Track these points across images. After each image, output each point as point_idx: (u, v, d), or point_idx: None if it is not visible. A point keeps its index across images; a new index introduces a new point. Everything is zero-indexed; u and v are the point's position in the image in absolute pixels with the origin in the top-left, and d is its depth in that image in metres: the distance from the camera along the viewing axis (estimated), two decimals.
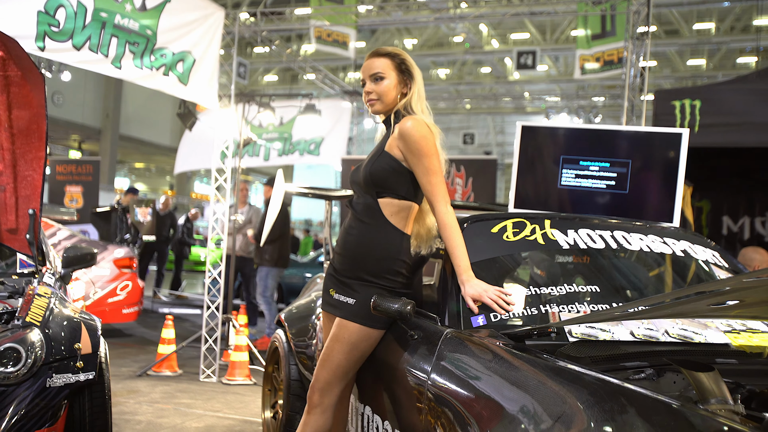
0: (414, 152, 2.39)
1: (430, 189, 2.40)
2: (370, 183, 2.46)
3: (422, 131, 2.39)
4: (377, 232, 2.45)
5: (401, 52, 2.54)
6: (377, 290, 2.41)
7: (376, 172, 2.44)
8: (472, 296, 2.28)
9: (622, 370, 2.00)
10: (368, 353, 2.46)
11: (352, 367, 2.45)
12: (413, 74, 2.51)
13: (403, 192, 2.45)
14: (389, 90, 2.48)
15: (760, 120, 5.09)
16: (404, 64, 2.51)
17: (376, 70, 2.48)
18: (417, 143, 2.38)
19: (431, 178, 2.40)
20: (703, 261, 2.78)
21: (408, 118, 2.44)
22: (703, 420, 1.34)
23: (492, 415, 1.72)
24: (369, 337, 2.42)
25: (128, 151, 27.99)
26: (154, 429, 4.11)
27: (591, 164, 3.21)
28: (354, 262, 2.47)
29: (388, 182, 2.44)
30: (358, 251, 2.46)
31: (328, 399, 2.45)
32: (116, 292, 7.21)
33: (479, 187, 9.61)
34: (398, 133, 2.43)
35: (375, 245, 2.44)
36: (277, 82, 25.31)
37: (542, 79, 22.65)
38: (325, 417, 2.46)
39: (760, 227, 7.39)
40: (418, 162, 2.40)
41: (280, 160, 10.87)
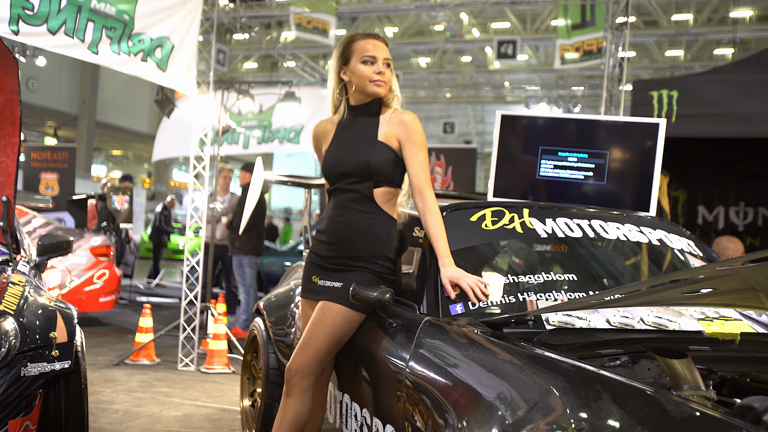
0: (416, 143, 2.49)
1: (424, 178, 2.49)
2: (368, 173, 2.47)
3: (420, 125, 2.54)
4: (370, 219, 2.48)
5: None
6: (367, 275, 2.44)
7: (378, 162, 2.47)
8: (450, 278, 2.30)
9: (598, 357, 2.02)
10: (347, 338, 2.47)
11: (331, 350, 2.46)
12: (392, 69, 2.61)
13: (397, 180, 2.55)
14: (391, 79, 2.57)
15: (736, 111, 5.15)
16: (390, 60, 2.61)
17: (389, 57, 2.55)
18: (420, 136, 2.51)
19: (425, 169, 2.51)
20: (678, 250, 2.82)
21: (404, 111, 2.56)
22: (675, 406, 1.36)
23: (469, 402, 1.73)
24: (351, 320, 2.44)
25: (105, 138, 27.66)
26: (131, 418, 4.08)
27: (569, 155, 3.23)
28: (344, 249, 2.48)
29: (387, 172, 2.50)
30: (349, 237, 2.48)
31: (307, 381, 2.46)
32: (93, 281, 7.14)
33: (459, 176, 9.63)
34: (398, 122, 2.51)
35: (369, 232, 2.47)
36: (257, 69, 25.12)
37: (522, 69, 22.71)
38: (303, 399, 2.47)
39: (734, 217, 7.49)
40: (417, 153, 2.49)
41: (259, 148, 10.80)
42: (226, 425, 4.06)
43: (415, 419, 1.94)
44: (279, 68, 23.12)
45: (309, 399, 2.48)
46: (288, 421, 2.48)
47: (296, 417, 2.47)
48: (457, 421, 1.72)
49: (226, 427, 4.03)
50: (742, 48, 19.28)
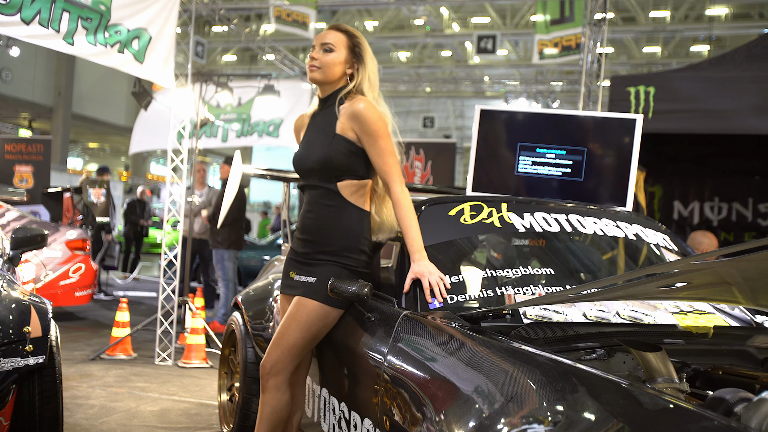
0: (370, 133, 2.40)
1: (386, 170, 2.42)
2: (328, 168, 2.45)
3: (376, 113, 2.41)
4: (337, 212, 2.45)
5: (360, 35, 2.53)
6: (339, 269, 2.42)
7: (335, 156, 2.43)
8: (415, 273, 2.30)
9: (575, 350, 2.04)
10: (323, 334, 2.46)
11: (305, 346, 2.45)
12: (364, 59, 2.51)
13: (362, 172, 2.47)
14: (333, 64, 2.47)
15: (711, 107, 5.21)
16: (358, 46, 2.50)
17: (328, 41, 2.47)
18: (373, 125, 2.40)
19: (387, 159, 2.42)
20: (654, 244, 2.85)
21: (359, 99, 2.44)
22: (649, 398, 1.38)
23: (447, 396, 1.74)
24: (326, 317, 2.42)
25: (81, 131, 27.31)
26: (107, 413, 4.05)
27: (547, 152, 3.25)
28: (315, 243, 2.47)
29: (346, 165, 2.44)
30: (319, 232, 2.46)
31: (281, 377, 2.45)
32: (68, 275, 7.06)
33: (438, 171, 9.66)
34: (351, 114, 2.42)
35: (336, 225, 2.45)
36: (236, 62, 24.93)
37: (502, 64, 22.78)
38: (279, 394, 2.46)
39: (708, 212, 7.60)
40: (374, 143, 2.41)
41: (238, 141, 10.73)
42: (204, 420, 4.04)
43: (393, 413, 1.94)
44: (258, 61, 22.97)
45: (286, 394, 2.47)
46: (265, 417, 2.47)
47: (272, 412, 2.46)
48: (434, 415, 1.73)
49: (203, 421, 4.01)
50: (717, 45, 19.53)
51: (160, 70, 5.40)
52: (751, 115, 5.12)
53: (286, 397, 2.48)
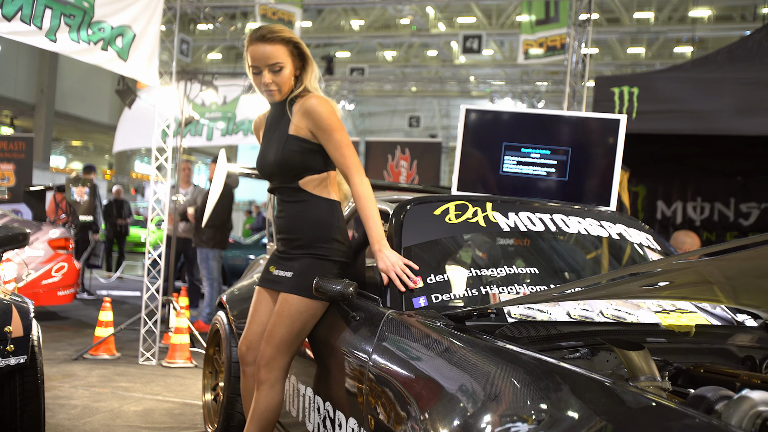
0: (324, 128, 2.43)
1: (344, 162, 2.45)
2: (285, 169, 2.49)
3: (328, 107, 2.43)
4: (305, 206, 2.50)
5: (292, 34, 2.49)
6: (312, 260, 2.46)
7: (290, 157, 2.46)
8: (382, 270, 2.32)
9: (559, 349, 2.05)
10: (310, 326, 2.47)
11: (294, 340, 2.46)
12: (307, 57, 2.51)
13: (320, 167, 2.50)
14: (288, 79, 2.48)
15: (694, 108, 5.26)
16: (298, 47, 2.49)
17: (275, 61, 2.42)
18: (326, 119, 2.42)
19: (343, 151, 2.44)
20: (637, 244, 2.87)
21: (310, 96, 2.45)
22: (632, 396, 1.39)
23: (431, 395, 1.74)
24: (308, 309, 2.44)
25: (64, 129, 27.08)
26: (90, 413, 4.02)
27: (532, 151, 3.26)
28: (289, 240, 2.52)
29: (303, 164, 2.48)
30: (291, 228, 2.51)
31: (274, 374, 2.47)
32: (51, 274, 6.99)
33: (423, 170, 9.68)
34: (304, 111, 2.44)
35: (306, 218, 2.49)
36: (221, 60, 24.84)
37: (487, 64, 22.87)
38: (274, 392, 2.47)
39: (691, 212, 7.67)
40: (329, 137, 2.43)
41: (223, 140, 10.68)
42: (188, 420, 4.02)
43: (377, 412, 1.94)
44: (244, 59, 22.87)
45: (280, 391, 2.49)
46: (257, 414, 2.48)
47: (266, 410, 2.47)
48: (419, 414, 1.73)
49: (187, 421, 3.99)
50: (700, 47, 19.72)
51: (144, 67, 5.36)
52: (733, 116, 5.17)
53: (280, 397, 2.49)
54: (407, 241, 2.50)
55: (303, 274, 2.43)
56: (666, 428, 1.24)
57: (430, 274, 2.40)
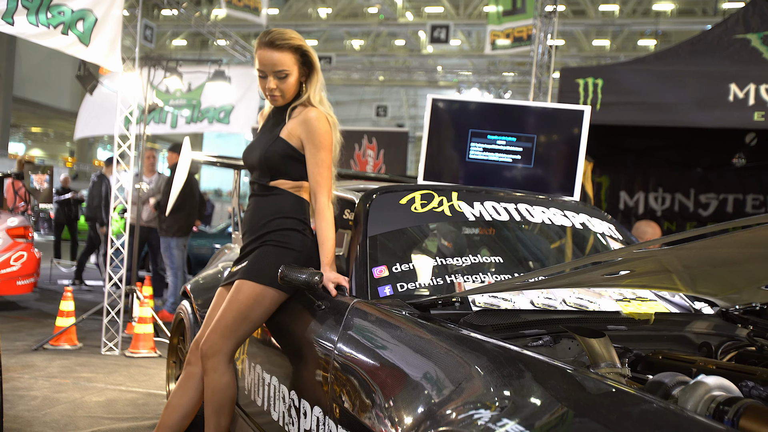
0: (315, 144, 2.47)
1: (319, 180, 2.49)
2: (263, 167, 2.53)
3: (326, 126, 2.48)
4: (272, 199, 2.54)
5: (303, 42, 2.52)
6: (267, 248, 2.47)
7: (271, 156, 2.51)
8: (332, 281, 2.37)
9: (522, 337, 2.07)
10: (258, 316, 2.46)
11: (239, 325, 2.45)
12: (314, 66, 2.53)
13: (296, 176, 2.54)
14: (293, 86, 2.52)
15: (656, 100, 5.35)
16: (307, 56, 2.51)
17: (282, 68, 2.46)
18: (321, 137, 2.47)
19: (322, 171, 2.49)
20: (600, 233, 2.92)
21: (311, 109, 2.49)
22: (593, 382, 1.41)
23: (396, 383, 1.75)
24: (258, 295, 2.44)
25: (23, 115, 26.44)
26: (51, 404, 3.95)
27: (498, 138, 3.29)
28: (251, 233, 2.55)
29: (282, 167, 2.52)
30: (254, 218, 2.54)
31: (216, 359, 2.46)
32: (10, 263, 6.84)
33: (390, 159, 9.68)
34: (302, 120, 2.48)
35: (268, 209, 2.52)
36: (186, 47, 24.47)
37: (455, 54, 22.93)
38: (217, 376, 2.46)
39: (653, 202, 7.82)
40: (315, 153, 2.47)
41: (188, 127, 10.54)
42: (152, 410, 3.98)
43: (342, 400, 1.95)
44: (209, 46, 22.60)
45: (223, 375, 2.47)
46: (207, 399, 2.50)
47: (213, 393, 2.48)
48: (384, 401, 1.74)
49: (151, 411, 3.95)
50: (663, 40, 20.05)
51: (106, 53, 5.25)
52: (694, 109, 5.28)
53: (226, 379, 2.48)
54: (373, 230, 2.50)
55: (257, 260, 2.47)
56: (625, 413, 1.27)
57: (396, 263, 2.41)
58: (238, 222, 3.92)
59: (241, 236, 2.65)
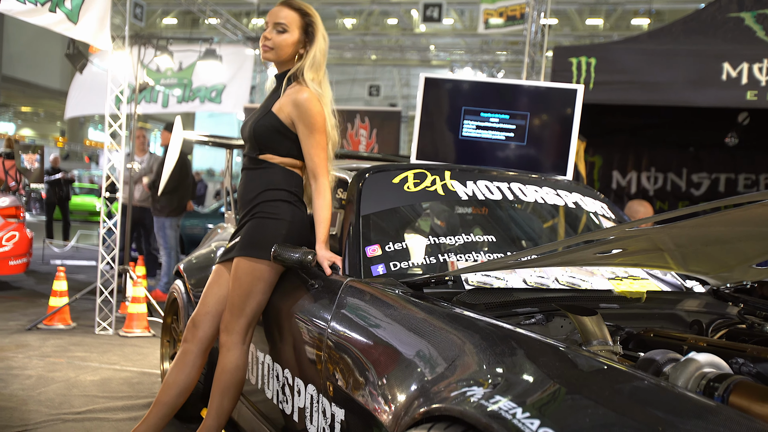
0: (307, 125, 2.47)
1: (317, 162, 2.49)
2: (252, 140, 2.55)
3: (317, 107, 2.47)
4: (262, 171, 2.54)
5: (314, 13, 2.54)
6: (257, 221, 2.49)
7: (260, 131, 2.52)
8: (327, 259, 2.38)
9: (515, 315, 2.09)
10: (261, 288, 2.48)
11: (245, 302, 2.47)
12: (315, 39, 2.53)
13: (284, 152, 2.53)
14: (286, 45, 2.51)
15: (649, 79, 5.34)
16: (311, 26, 2.53)
17: (282, 21, 2.49)
18: (312, 118, 2.46)
19: (318, 152, 2.49)
20: (592, 212, 2.93)
21: (303, 89, 2.48)
22: (585, 360, 1.43)
23: (389, 361, 1.76)
24: (254, 270, 2.45)
25: (13, 94, 26.19)
26: (45, 383, 3.96)
27: (491, 116, 3.28)
28: (243, 206, 2.57)
29: (269, 142, 2.52)
30: (246, 191, 2.56)
31: (232, 338, 2.50)
32: (2, 243, 6.81)
33: (383, 139, 9.66)
34: (294, 101, 2.47)
35: (258, 182, 2.53)
36: (177, 25, 24.19)
37: (448, 33, 22.77)
38: (231, 354, 2.49)
39: (645, 182, 7.84)
40: (309, 135, 2.47)
41: (179, 107, 10.47)
42: (146, 389, 4.00)
43: (336, 378, 1.96)
44: (200, 25, 22.35)
45: (238, 355, 2.50)
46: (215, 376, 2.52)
47: (221, 372, 2.50)
48: (377, 379, 1.75)
49: (145, 390, 3.97)
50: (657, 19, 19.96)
51: (95, 31, 5.19)
52: (687, 88, 5.27)
53: (235, 359, 2.49)
54: (366, 209, 2.50)
55: (249, 234, 2.49)
56: (616, 390, 1.28)
57: (389, 242, 2.41)
58: (230, 202, 3.91)
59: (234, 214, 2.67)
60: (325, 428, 2.00)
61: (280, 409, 2.38)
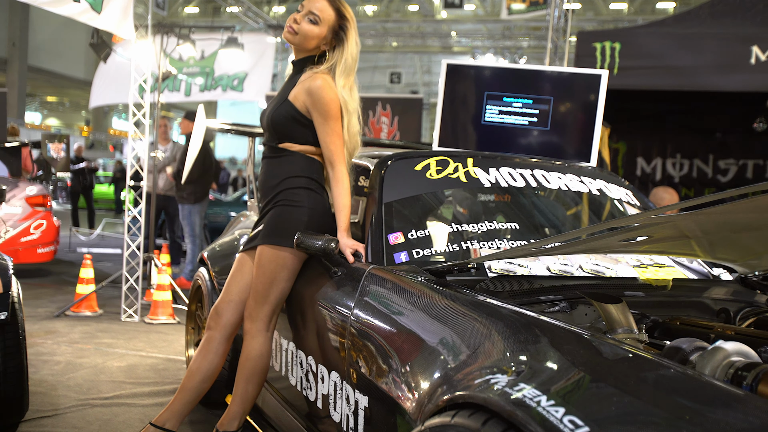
0: (321, 113, 2.45)
1: (334, 149, 2.48)
2: (270, 129, 2.55)
3: (331, 94, 2.45)
4: (282, 159, 2.54)
5: (351, 18, 2.52)
6: (280, 208, 2.49)
7: (277, 120, 2.51)
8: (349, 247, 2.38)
9: (538, 303, 2.08)
10: (284, 276, 2.49)
11: (268, 290, 2.49)
12: (344, 44, 2.51)
13: (302, 140, 2.53)
14: (312, 37, 2.49)
15: (675, 64, 5.26)
16: (344, 30, 2.51)
17: (316, 12, 2.47)
18: (326, 105, 2.44)
19: (334, 139, 2.47)
20: (617, 199, 2.90)
21: (319, 76, 2.46)
22: (609, 348, 1.41)
23: (412, 348, 1.76)
24: (276, 258, 2.46)
25: (39, 84, 26.51)
26: (74, 369, 4.03)
27: (514, 100, 3.25)
28: (265, 195, 2.57)
29: (287, 131, 2.52)
30: (267, 179, 2.56)
31: (256, 325, 2.52)
32: (30, 231, 6.93)
33: (405, 126, 9.63)
34: (308, 88, 2.46)
35: (280, 170, 2.53)
36: (198, 14, 24.27)
37: (469, 19, 22.58)
38: (255, 342, 2.51)
39: (670, 168, 7.74)
40: (323, 122, 2.46)
41: (202, 95, 10.53)
42: (172, 375, 4.05)
43: (359, 365, 1.97)
44: (222, 14, 22.39)
45: (262, 342, 2.52)
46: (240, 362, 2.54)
47: (246, 359, 2.52)
48: (400, 366, 1.75)
49: (171, 376, 4.02)
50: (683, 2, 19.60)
51: (118, 20, 5.23)
52: (714, 72, 5.18)
53: (259, 346, 2.52)
54: (388, 197, 2.49)
55: (272, 222, 2.49)
56: (642, 378, 1.27)
57: (411, 230, 2.41)
58: (253, 190, 3.93)
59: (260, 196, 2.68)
60: (349, 415, 2.02)
61: (304, 396, 2.40)
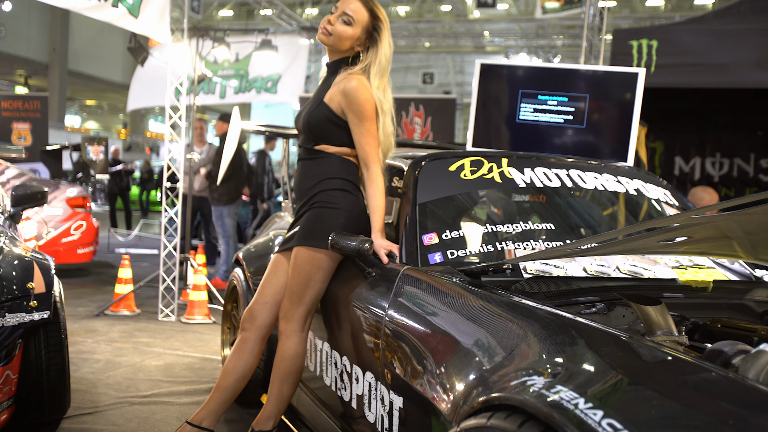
0: (356, 114, 2.46)
1: (369, 150, 2.48)
2: (307, 132, 2.55)
3: (366, 95, 2.45)
4: (318, 161, 2.55)
5: (385, 19, 2.52)
6: (316, 210, 2.50)
7: (314, 122, 2.52)
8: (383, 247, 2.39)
9: (575, 304, 2.05)
10: (320, 277, 2.50)
11: (303, 291, 2.50)
12: (378, 45, 2.51)
13: (337, 142, 2.53)
14: (345, 38, 2.50)
15: (714, 61, 5.15)
16: (377, 30, 2.51)
17: (350, 13, 2.47)
18: (361, 106, 2.44)
19: (369, 140, 2.47)
20: (654, 200, 2.85)
21: (354, 77, 2.46)
22: (648, 350, 1.39)
23: (447, 349, 1.76)
24: (312, 259, 2.47)
25: (78, 88, 27.06)
26: (113, 367, 4.11)
27: (549, 98, 3.22)
28: (300, 197, 2.58)
29: (324, 133, 2.52)
30: (302, 181, 2.57)
31: (291, 325, 2.53)
32: (70, 232, 7.08)
33: (438, 127, 9.60)
34: (342, 89, 2.46)
35: (316, 171, 2.54)
36: (233, 17, 24.54)
37: (502, 19, 22.43)
38: (290, 342, 2.53)
39: (710, 168, 7.58)
40: (359, 123, 2.46)
41: (236, 98, 10.64)
42: (208, 374, 4.10)
43: (394, 366, 1.97)
44: (255, 16, 22.61)
45: (296, 342, 2.53)
46: (275, 363, 2.56)
47: (281, 360, 2.54)
48: (435, 368, 1.75)
49: (207, 375, 4.07)
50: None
51: (155, 24, 5.32)
52: (755, 69, 5.06)
53: (294, 347, 2.53)
54: (422, 198, 2.49)
55: (308, 224, 2.50)
56: (682, 381, 1.25)
57: (446, 230, 2.40)
58: (287, 191, 3.96)
59: (294, 198, 2.68)
60: (384, 416, 2.02)
61: (339, 396, 2.41)
